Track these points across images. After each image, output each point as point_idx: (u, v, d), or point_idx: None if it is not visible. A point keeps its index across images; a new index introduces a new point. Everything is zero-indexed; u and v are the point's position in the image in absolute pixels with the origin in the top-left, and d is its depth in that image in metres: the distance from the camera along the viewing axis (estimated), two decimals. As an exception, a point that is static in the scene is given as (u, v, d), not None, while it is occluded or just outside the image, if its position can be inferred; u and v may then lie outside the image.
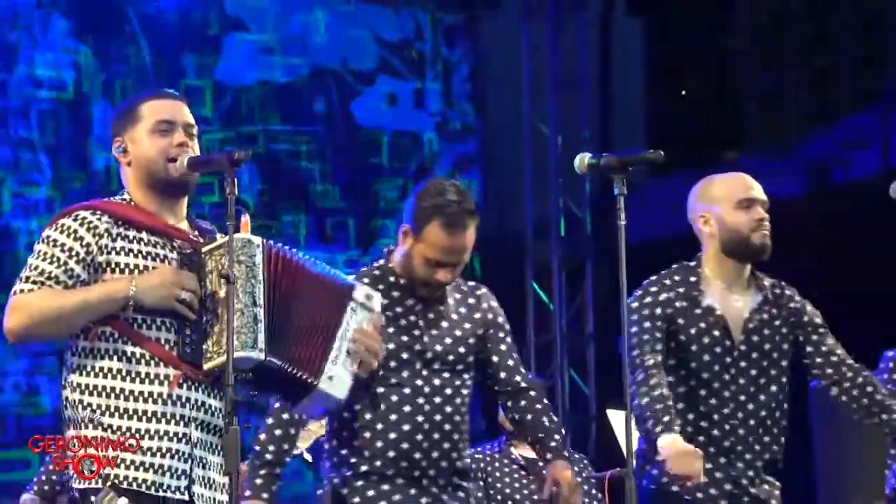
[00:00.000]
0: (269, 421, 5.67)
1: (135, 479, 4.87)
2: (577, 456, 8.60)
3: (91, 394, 4.93)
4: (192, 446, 4.90)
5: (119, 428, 4.88)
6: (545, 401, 5.97)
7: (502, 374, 5.88)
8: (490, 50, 12.68)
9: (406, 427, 5.67)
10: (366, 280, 5.67)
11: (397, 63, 12.19)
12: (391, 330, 5.66)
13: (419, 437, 5.68)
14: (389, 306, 5.69)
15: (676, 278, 5.94)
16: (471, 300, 5.92)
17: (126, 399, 4.89)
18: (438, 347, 5.75)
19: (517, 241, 12.21)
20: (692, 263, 5.98)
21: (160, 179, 4.99)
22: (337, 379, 4.91)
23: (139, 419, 4.87)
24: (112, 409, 4.90)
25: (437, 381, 5.73)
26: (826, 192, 11.26)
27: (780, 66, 12.35)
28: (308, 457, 7.86)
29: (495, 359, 5.90)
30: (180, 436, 4.89)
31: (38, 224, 9.92)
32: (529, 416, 5.91)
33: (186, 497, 4.89)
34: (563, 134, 12.13)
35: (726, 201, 5.95)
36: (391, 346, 5.64)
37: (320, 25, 11.83)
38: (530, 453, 8.12)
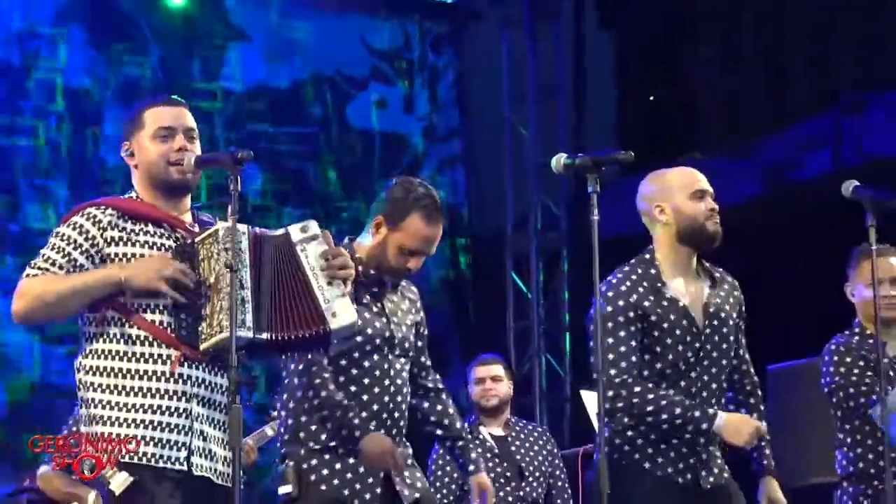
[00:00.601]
0: (318, 381, 5.69)
1: (135, 452, 4.88)
2: (541, 428, 8.61)
3: (98, 374, 4.97)
4: (193, 420, 4.92)
5: (124, 405, 4.89)
6: (452, 404, 6.17)
7: (415, 368, 6.02)
8: (473, 59, 12.68)
9: (375, 407, 5.74)
10: None
11: (388, 70, 12.17)
12: (366, 316, 5.72)
13: (384, 415, 5.76)
14: (361, 294, 5.76)
15: (639, 271, 5.90)
16: (410, 295, 6.05)
17: (128, 377, 4.92)
18: (399, 334, 5.85)
19: (498, 234, 12.21)
20: (647, 256, 5.94)
21: (162, 181, 5.06)
22: (340, 310, 4.92)
23: (143, 395, 4.91)
24: (117, 388, 4.93)
25: (397, 366, 5.82)
26: (781, 192, 11.24)
27: (738, 74, 12.33)
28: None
29: (418, 349, 6.05)
30: (181, 411, 4.91)
31: (55, 215, 9.90)
32: (446, 422, 6.11)
33: (185, 468, 4.90)
34: (541, 136, 12.13)
35: (681, 192, 5.93)
36: (368, 330, 5.72)
37: (317, 35, 11.81)
38: (499, 431, 8.12)
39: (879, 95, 10.94)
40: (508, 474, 8.02)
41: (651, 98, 12.85)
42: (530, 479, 8.07)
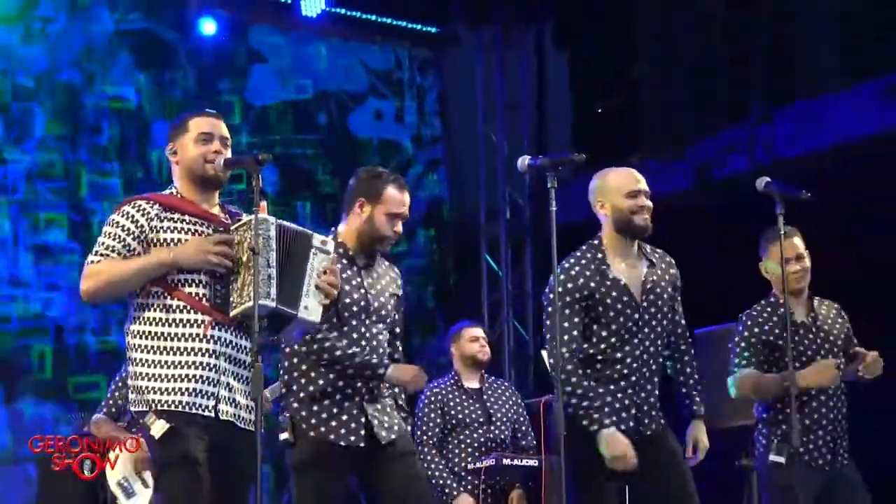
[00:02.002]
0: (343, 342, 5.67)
1: (171, 401, 4.90)
2: (506, 384, 8.60)
3: (142, 337, 4.98)
4: (220, 374, 4.95)
5: (162, 363, 4.90)
6: None
7: (390, 337, 5.97)
8: (452, 78, 12.65)
9: (355, 361, 5.71)
10: None
11: (383, 87, 12.14)
12: (346, 288, 5.69)
13: (362, 370, 5.72)
14: (342, 269, 5.71)
15: (588, 256, 5.90)
16: (392, 273, 6.02)
17: (168, 339, 4.94)
18: (376, 304, 5.80)
19: (473, 223, 12.20)
20: (595, 242, 5.94)
21: (199, 176, 5.08)
22: (311, 308, 5.00)
23: (180, 354, 4.93)
24: (158, 348, 4.95)
25: (374, 330, 5.79)
26: (707, 186, 11.23)
27: (672, 90, 12.32)
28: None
29: (396, 321, 6.00)
30: (211, 366, 4.93)
31: (109, 207, 9.87)
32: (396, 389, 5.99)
33: (213, 414, 4.91)
34: (509, 142, 12.12)
35: (618, 191, 5.91)
36: (346, 300, 5.70)
37: (323, 57, 11.78)
38: (475, 384, 8.11)
39: (785, 108, 10.95)
40: (481, 419, 8.01)
41: (599, 109, 12.84)
42: (498, 423, 8.06)
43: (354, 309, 5.74)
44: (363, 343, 5.74)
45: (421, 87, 12.33)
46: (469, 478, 7.84)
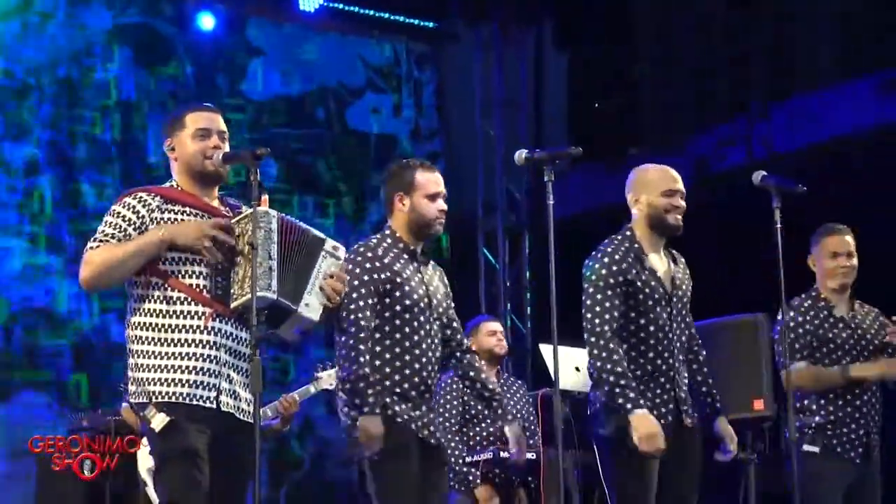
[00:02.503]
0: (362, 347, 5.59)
1: (172, 393, 4.89)
2: (519, 382, 8.60)
3: (143, 329, 4.97)
4: (221, 366, 4.94)
5: (163, 354, 4.90)
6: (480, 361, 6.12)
7: (448, 331, 5.93)
8: (450, 73, 12.65)
9: (423, 360, 5.71)
10: (385, 244, 5.79)
11: (380, 82, 12.14)
12: (413, 284, 5.70)
13: (426, 366, 5.71)
14: (406, 264, 5.76)
15: (626, 245, 5.89)
16: (438, 272, 6.00)
17: (167, 331, 4.92)
18: (435, 301, 5.79)
19: (471, 216, 12.20)
20: (628, 233, 5.94)
21: (198, 171, 5.07)
22: (311, 306, 4.99)
23: (180, 345, 4.92)
24: (159, 340, 4.93)
25: (436, 326, 5.77)
26: (706, 180, 11.24)
27: (670, 87, 12.33)
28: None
29: (450, 315, 5.95)
30: (212, 357, 4.92)
31: (108, 200, 9.87)
32: (483, 376, 6.05)
33: (214, 406, 4.90)
34: (506, 136, 12.13)
35: (656, 189, 5.92)
36: (415, 296, 5.69)
37: (322, 53, 11.78)
38: (493, 379, 8.10)
39: (782, 104, 10.96)
40: (485, 413, 8.01)
41: (596, 105, 12.85)
42: (509, 417, 8.04)
43: (421, 305, 5.73)
44: (428, 340, 5.73)
45: (418, 82, 12.34)
46: (465, 470, 7.85)
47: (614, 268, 5.80)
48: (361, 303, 5.61)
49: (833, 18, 11.06)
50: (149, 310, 4.95)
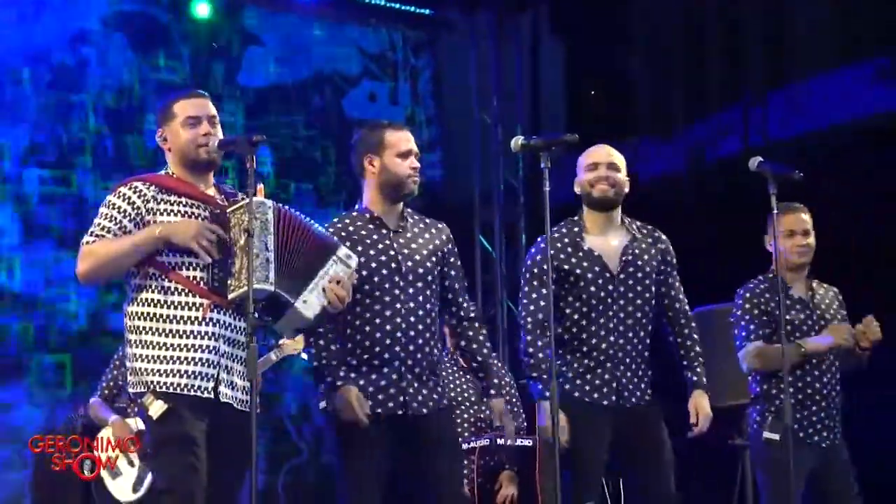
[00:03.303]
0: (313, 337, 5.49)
1: (170, 383, 4.89)
2: (499, 364, 8.57)
3: (141, 319, 4.97)
4: (220, 356, 4.93)
5: (162, 345, 4.90)
6: (484, 332, 5.89)
7: (449, 294, 5.77)
8: (447, 60, 12.64)
9: (388, 328, 5.52)
10: (347, 220, 5.64)
11: (377, 70, 12.13)
12: (372, 253, 5.55)
13: (399, 335, 5.53)
14: (368, 235, 5.61)
15: (565, 230, 6.01)
16: (433, 230, 5.82)
17: (166, 321, 4.92)
18: (410, 264, 5.61)
19: (468, 204, 12.18)
20: (576, 218, 6.06)
21: (193, 161, 5.08)
22: (310, 303, 4.98)
23: (178, 336, 4.92)
24: (157, 330, 4.94)
25: (413, 290, 5.59)
26: (701, 168, 11.25)
27: (664, 74, 12.32)
28: (305, 356, 7.75)
29: (450, 277, 5.80)
30: (210, 348, 4.92)
31: (104, 191, 9.85)
32: (474, 346, 5.83)
33: (213, 396, 4.91)
34: (502, 124, 12.11)
35: (581, 168, 6.07)
36: (373, 265, 5.54)
37: (318, 40, 11.76)
38: None
39: (778, 90, 10.95)
40: (473, 398, 8.00)
41: (593, 92, 12.83)
42: (492, 392, 8.01)
43: (384, 272, 5.57)
44: (397, 306, 5.55)
45: (415, 69, 12.32)
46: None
47: (539, 257, 5.90)
48: None
49: (829, 4, 11.05)
50: (147, 300, 4.95)
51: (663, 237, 6.14)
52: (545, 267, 5.75)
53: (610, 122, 12.27)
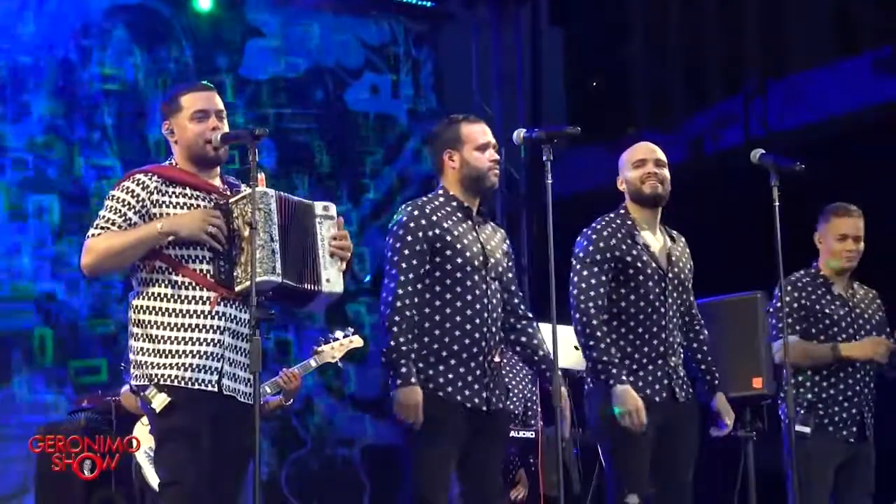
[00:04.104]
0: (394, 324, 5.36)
1: (174, 376, 4.89)
2: (520, 365, 8.57)
3: (147, 312, 4.96)
4: (224, 349, 4.92)
5: (167, 338, 4.89)
6: (540, 330, 5.82)
7: (506, 295, 5.70)
8: (448, 52, 12.63)
9: (476, 321, 5.46)
10: (436, 203, 5.58)
11: (378, 62, 12.11)
12: (465, 242, 5.49)
13: (482, 328, 5.47)
14: (458, 223, 5.55)
15: (618, 221, 5.93)
16: (498, 232, 5.78)
17: (173, 315, 4.91)
18: (493, 260, 5.57)
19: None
20: (622, 212, 5.97)
21: (200, 156, 5.06)
22: (333, 280, 4.97)
23: (185, 330, 4.90)
24: (162, 324, 4.92)
25: (493, 287, 5.55)
26: (702, 159, 11.25)
27: (665, 65, 12.32)
28: (341, 364, 7.72)
29: (510, 279, 5.73)
30: (215, 341, 4.91)
31: (107, 184, 9.84)
32: (535, 342, 5.76)
33: (216, 389, 4.90)
34: (504, 115, 12.10)
35: (628, 164, 5.96)
36: (467, 254, 5.48)
37: (319, 33, 11.75)
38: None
39: (778, 81, 10.96)
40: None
41: (594, 84, 12.83)
42: (513, 397, 8.02)
43: (476, 263, 5.51)
44: (484, 300, 5.49)
45: (416, 61, 12.30)
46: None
47: (601, 244, 5.82)
48: (404, 275, 5.40)
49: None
50: (155, 294, 4.93)
51: (685, 241, 6.13)
52: (600, 257, 5.76)
53: (611, 113, 12.27)
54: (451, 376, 5.42)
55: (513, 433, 7.81)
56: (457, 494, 5.53)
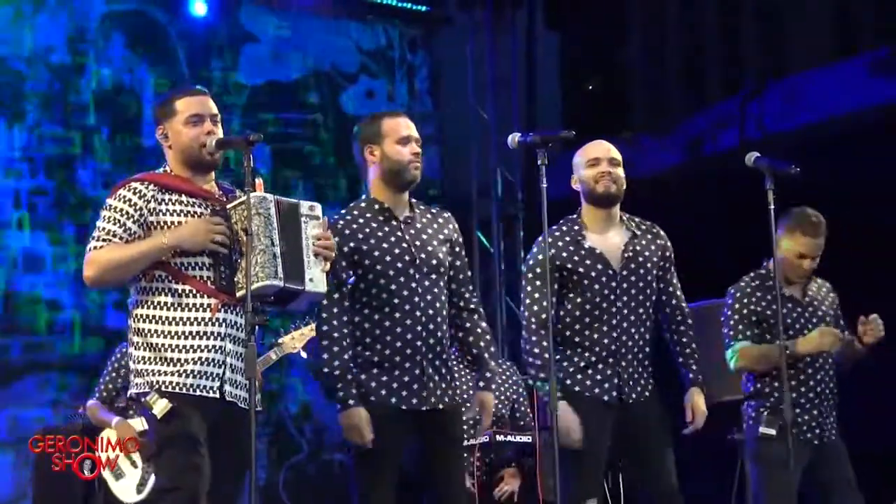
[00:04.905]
0: (325, 342, 5.38)
1: (176, 383, 4.89)
2: (508, 363, 8.56)
3: (148, 321, 4.97)
4: (226, 355, 4.93)
5: (169, 346, 4.90)
6: (484, 324, 5.78)
7: (454, 285, 5.68)
8: (443, 56, 12.64)
9: (408, 322, 5.45)
10: (356, 212, 5.56)
11: (374, 66, 12.13)
12: (385, 246, 5.48)
13: (419, 330, 5.46)
14: (378, 228, 5.53)
15: (565, 228, 5.99)
16: (440, 220, 5.74)
17: (174, 324, 4.92)
18: (423, 255, 5.54)
19: (465, 200, 12.19)
20: (574, 216, 6.02)
21: (195, 161, 5.06)
22: (316, 279, 4.97)
23: (186, 338, 4.91)
24: (164, 333, 4.93)
25: (426, 283, 5.53)
26: (698, 162, 11.26)
27: (662, 66, 12.34)
28: (304, 354, 7.73)
29: (455, 267, 5.71)
30: (217, 348, 4.92)
31: (103, 189, 9.86)
32: (471, 338, 5.72)
33: (218, 395, 4.91)
34: (499, 119, 12.11)
35: (581, 164, 6.01)
36: (387, 258, 5.46)
37: (315, 37, 11.76)
38: None
39: (775, 83, 10.97)
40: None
41: (590, 87, 12.85)
42: (481, 384, 8.00)
43: (399, 265, 5.49)
44: (415, 299, 5.47)
45: (412, 66, 12.32)
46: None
47: (540, 256, 5.84)
48: (327, 295, 5.30)
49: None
50: (157, 302, 4.93)
51: (662, 233, 6.13)
52: (541, 269, 5.79)
53: (607, 115, 12.29)
54: (384, 379, 5.42)
55: (509, 437, 7.83)
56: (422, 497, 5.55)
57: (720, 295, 6.80)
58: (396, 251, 5.51)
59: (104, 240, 4.91)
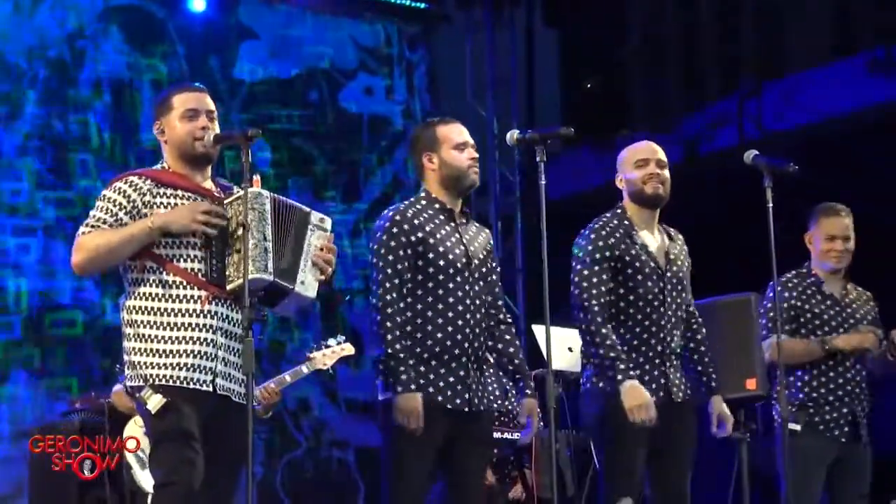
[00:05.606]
0: (386, 325, 5.40)
1: (169, 376, 4.90)
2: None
3: (139, 313, 4.97)
4: (217, 349, 4.94)
5: (160, 338, 4.91)
6: (518, 337, 5.84)
7: (491, 297, 5.70)
8: (442, 54, 12.65)
9: (459, 323, 5.48)
10: (418, 206, 5.59)
11: (372, 63, 12.12)
12: (448, 243, 5.53)
13: (466, 331, 5.50)
14: (441, 225, 5.58)
15: (616, 221, 5.91)
16: (483, 232, 5.80)
17: (164, 315, 4.92)
18: (476, 261, 5.59)
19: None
20: (619, 211, 5.96)
21: (189, 154, 5.07)
22: (307, 283, 4.99)
23: (177, 329, 4.91)
24: (156, 324, 4.94)
25: (476, 288, 5.58)
26: (696, 160, 11.26)
27: (661, 65, 12.34)
28: (332, 371, 7.76)
29: (494, 283, 5.75)
30: (208, 340, 4.92)
31: (101, 184, 9.85)
32: (511, 349, 5.76)
33: (211, 389, 4.92)
34: (498, 117, 12.11)
35: (627, 164, 5.95)
36: (450, 256, 5.51)
37: (314, 35, 11.76)
38: None
39: (773, 82, 10.98)
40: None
41: (588, 85, 12.85)
42: (528, 392, 7.96)
43: (458, 265, 5.54)
44: (466, 302, 5.53)
45: (410, 63, 12.31)
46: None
47: (601, 243, 5.81)
48: (388, 280, 5.43)
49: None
50: (145, 294, 4.94)
51: (683, 239, 6.13)
52: (600, 255, 5.76)
53: (605, 114, 12.28)
54: (432, 377, 5.44)
55: (506, 434, 7.81)
56: (440, 496, 5.56)
57: (719, 292, 6.80)
58: (457, 251, 5.56)
59: (93, 226, 4.93)
